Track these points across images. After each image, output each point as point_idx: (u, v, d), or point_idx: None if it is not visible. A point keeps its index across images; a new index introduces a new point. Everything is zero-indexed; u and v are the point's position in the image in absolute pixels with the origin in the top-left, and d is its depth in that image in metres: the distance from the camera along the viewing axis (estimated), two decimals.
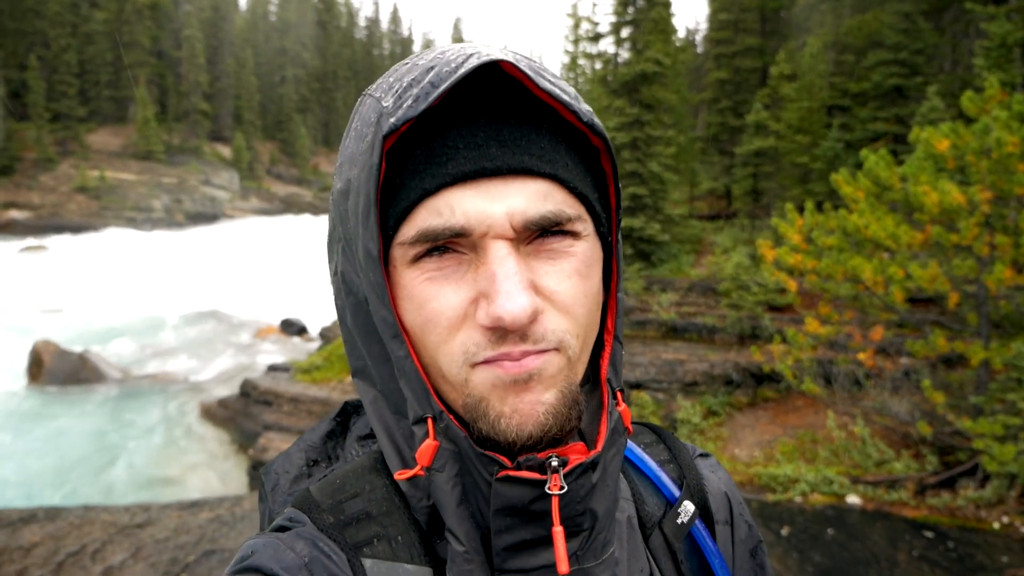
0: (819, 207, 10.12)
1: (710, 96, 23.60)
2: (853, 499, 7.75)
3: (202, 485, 12.02)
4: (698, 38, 52.38)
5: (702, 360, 12.36)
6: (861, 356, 8.80)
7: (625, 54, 17.56)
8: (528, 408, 0.56)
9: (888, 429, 9.34)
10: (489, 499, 0.57)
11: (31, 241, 36.93)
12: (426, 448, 0.58)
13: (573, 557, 0.59)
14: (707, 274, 14.84)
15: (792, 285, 9.20)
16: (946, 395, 7.99)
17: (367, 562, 0.60)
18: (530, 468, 0.57)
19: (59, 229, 40.90)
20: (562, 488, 0.57)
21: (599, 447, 0.60)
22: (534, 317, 0.55)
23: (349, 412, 0.77)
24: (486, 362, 0.57)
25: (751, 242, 14.37)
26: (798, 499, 7.75)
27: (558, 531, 0.56)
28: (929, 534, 6.86)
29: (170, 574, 5.90)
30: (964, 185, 7.61)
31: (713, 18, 25.24)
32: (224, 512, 7.13)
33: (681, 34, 48.94)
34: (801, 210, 9.92)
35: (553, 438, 0.57)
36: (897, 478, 8.11)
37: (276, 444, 12.49)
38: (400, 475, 0.60)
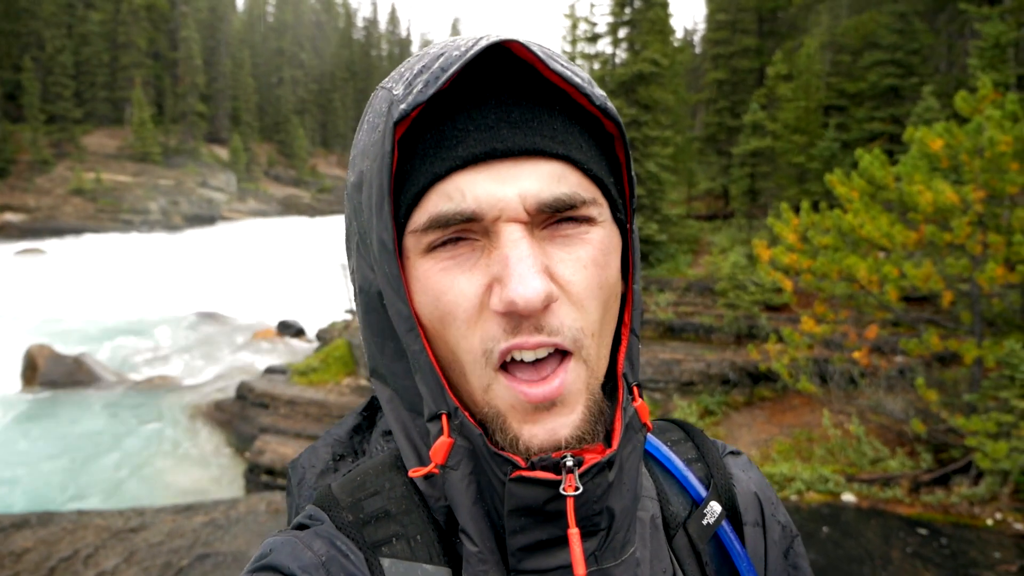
0: (816, 207, 10.14)
1: (707, 96, 23.66)
2: (848, 497, 7.76)
3: (197, 488, 11.99)
4: (696, 39, 52.56)
5: (699, 360, 12.38)
6: (856, 355, 8.82)
7: (622, 54, 17.61)
8: (546, 435, 0.55)
9: (883, 427, 9.36)
10: (504, 499, 0.56)
11: (27, 244, 36.85)
12: (440, 445, 0.57)
13: (591, 557, 0.58)
14: (704, 274, 14.88)
15: (788, 284, 9.22)
16: (940, 393, 8.02)
17: (385, 562, 0.59)
18: (544, 468, 0.55)
19: (55, 232, 40.83)
20: (577, 489, 0.55)
21: (614, 445, 0.58)
22: (548, 303, 0.54)
23: (375, 407, 0.75)
24: (507, 372, 0.56)
25: (748, 242, 14.38)
26: (794, 497, 7.75)
27: (574, 533, 0.55)
28: (923, 531, 6.87)
29: None
30: (958, 184, 7.63)
31: (711, 19, 25.30)
32: (219, 516, 7.10)
33: (679, 35, 49.11)
34: (797, 210, 9.94)
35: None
36: (892, 476, 8.12)
37: (272, 447, 12.45)
38: (415, 472, 0.59)
